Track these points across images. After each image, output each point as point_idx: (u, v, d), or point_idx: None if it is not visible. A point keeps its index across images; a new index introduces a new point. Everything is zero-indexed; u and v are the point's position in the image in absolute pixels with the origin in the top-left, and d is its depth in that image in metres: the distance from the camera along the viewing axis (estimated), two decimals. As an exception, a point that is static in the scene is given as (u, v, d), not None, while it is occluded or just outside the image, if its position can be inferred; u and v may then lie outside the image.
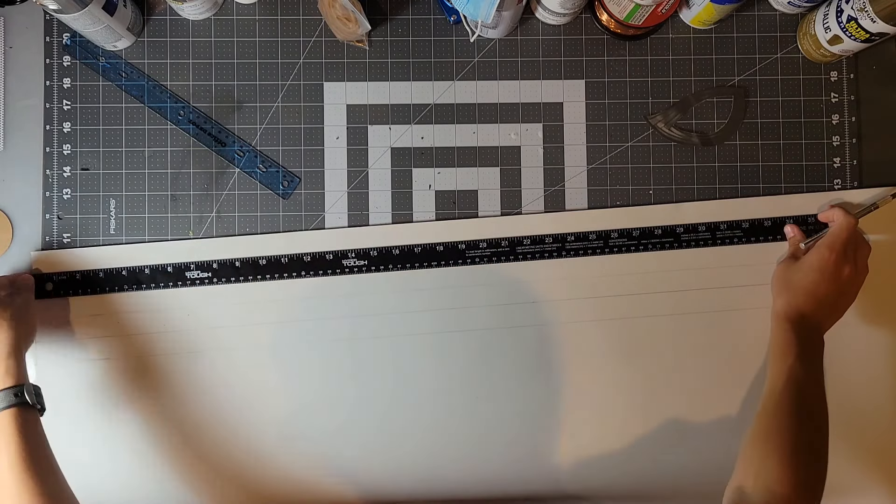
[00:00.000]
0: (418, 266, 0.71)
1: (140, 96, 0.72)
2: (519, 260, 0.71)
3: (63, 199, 0.71)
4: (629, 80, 0.73)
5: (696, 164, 0.73)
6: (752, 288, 0.71)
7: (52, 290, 0.70)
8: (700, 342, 0.71)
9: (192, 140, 0.72)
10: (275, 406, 0.70)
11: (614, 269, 0.71)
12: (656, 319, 0.71)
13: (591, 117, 0.73)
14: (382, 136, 0.72)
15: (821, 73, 0.73)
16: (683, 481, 0.70)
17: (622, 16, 0.68)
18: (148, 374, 0.70)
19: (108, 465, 0.69)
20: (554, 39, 0.73)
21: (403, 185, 0.72)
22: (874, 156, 0.73)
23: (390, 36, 0.73)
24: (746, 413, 0.71)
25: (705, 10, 0.69)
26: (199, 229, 0.72)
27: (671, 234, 0.72)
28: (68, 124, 0.72)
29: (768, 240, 0.72)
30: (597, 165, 0.73)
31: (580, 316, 0.71)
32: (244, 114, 0.72)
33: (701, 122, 0.73)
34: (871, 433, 0.71)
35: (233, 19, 0.72)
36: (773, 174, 0.73)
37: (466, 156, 0.73)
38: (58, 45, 0.72)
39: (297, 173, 0.72)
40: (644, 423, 0.71)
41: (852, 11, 0.64)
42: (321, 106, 0.72)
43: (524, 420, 0.70)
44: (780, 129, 0.73)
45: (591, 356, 0.71)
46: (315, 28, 0.73)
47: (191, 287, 0.70)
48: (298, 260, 0.71)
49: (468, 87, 0.73)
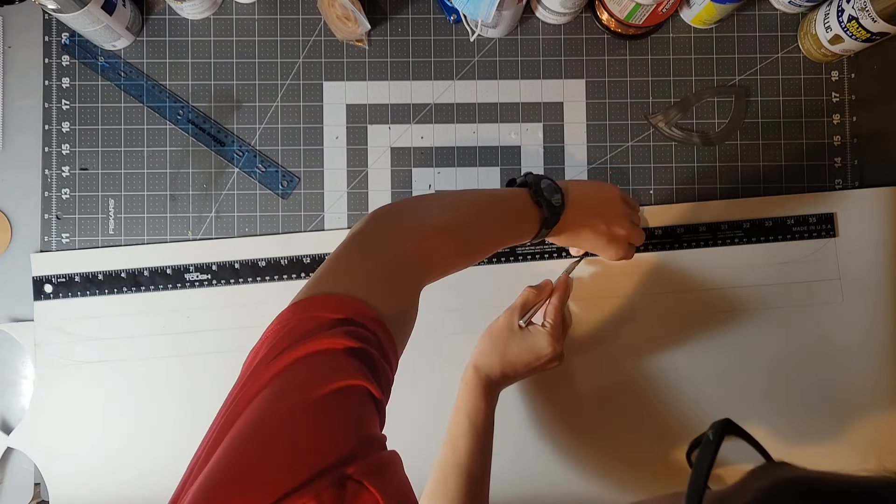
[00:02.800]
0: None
1: (139, 96, 0.71)
2: (518, 261, 0.71)
3: (62, 198, 0.71)
4: (630, 79, 0.73)
5: (696, 164, 0.73)
6: (752, 288, 0.71)
7: (51, 292, 0.70)
8: (699, 342, 0.71)
9: (191, 140, 0.72)
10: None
11: (614, 270, 0.71)
12: (656, 320, 0.71)
13: (592, 117, 0.73)
14: (382, 135, 0.72)
15: (822, 72, 0.73)
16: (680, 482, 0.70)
17: (623, 15, 0.68)
18: (148, 376, 0.70)
19: (107, 465, 0.69)
20: (554, 39, 0.73)
21: (403, 185, 0.72)
22: (875, 155, 0.73)
23: (390, 35, 0.73)
24: (746, 413, 0.70)
25: (706, 10, 0.68)
26: (198, 229, 0.71)
27: (671, 234, 0.71)
28: (67, 124, 0.71)
29: (769, 240, 0.71)
30: (597, 165, 0.72)
31: (579, 317, 0.71)
32: (243, 113, 0.72)
33: (702, 122, 0.73)
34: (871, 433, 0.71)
35: (232, 18, 0.72)
36: (774, 174, 0.73)
37: (466, 156, 0.72)
38: (57, 45, 0.71)
39: (297, 173, 0.72)
40: (639, 423, 0.71)
41: (853, 11, 0.64)
42: (321, 105, 0.72)
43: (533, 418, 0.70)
44: (781, 128, 0.73)
45: (590, 356, 0.71)
46: (315, 27, 0.72)
47: (190, 289, 0.70)
48: (298, 262, 0.70)
49: (468, 87, 0.73)
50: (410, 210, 0.51)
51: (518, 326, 0.63)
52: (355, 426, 0.34)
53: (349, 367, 0.35)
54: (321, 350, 0.36)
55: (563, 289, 0.65)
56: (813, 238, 0.71)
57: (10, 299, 0.70)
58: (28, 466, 0.69)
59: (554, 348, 0.62)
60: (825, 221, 0.72)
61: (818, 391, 0.71)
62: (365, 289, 0.41)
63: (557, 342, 0.62)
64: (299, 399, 0.34)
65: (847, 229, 0.72)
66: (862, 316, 0.71)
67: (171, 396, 0.70)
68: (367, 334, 0.38)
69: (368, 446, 0.33)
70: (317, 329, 0.37)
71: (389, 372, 0.39)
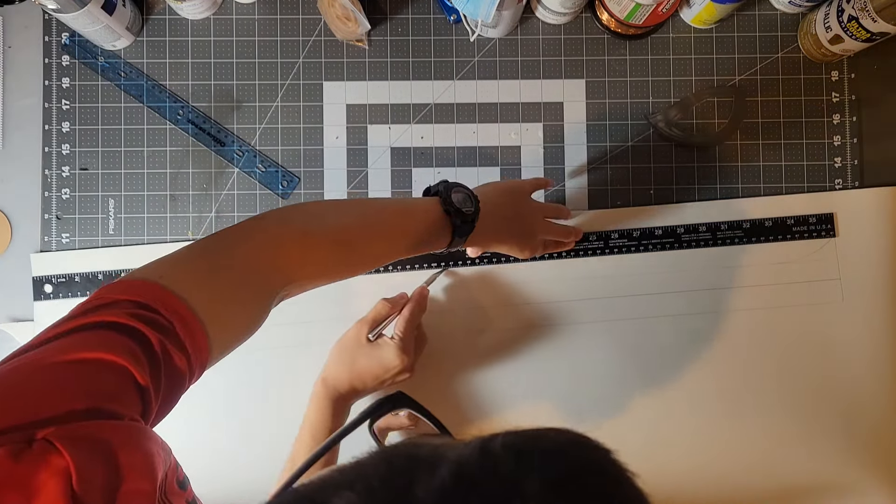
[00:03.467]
0: (418, 267, 0.71)
1: (139, 96, 0.71)
2: (518, 261, 0.71)
3: (62, 198, 0.71)
4: (630, 79, 0.73)
5: (696, 164, 0.73)
6: (752, 288, 0.71)
7: (51, 292, 0.70)
8: (699, 343, 0.71)
9: (191, 140, 0.72)
10: (275, 407, 0.70)
11: (614, 270, 0.71)
12: (656, 320, 0.71)
13: (592, 117, 0.73)
14: (382, 135, 0.72)
15: (822, 72, 0.73)
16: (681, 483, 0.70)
17: (623, 15, 0.68)
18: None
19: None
20: (554, 39, 0.73)
21: (403, 185, 0.72)
22: (875, 156, 0.73)
23: (390, 35, 0.73)
24: (746, 412, 0.70)
25: (706, 10, 0.68)
26: (198, 229, 0.71)
27: (671, 234, 0.71)
28: (67, 124, 0.71)
29: (769, 240, 0.71)
30: (597, 165, 0.72)
31: (579, 317, 0.71)
32: (243, 113, 0.72)
33: (701, 122, 0.73)
34: (871, 432, 0.71)
35: (232, 18, 0.72)
36: (774, 174, 0.73)
37: (466, 156, 0.72)
38: (57, 45, 0.71)
39: (297, 173, 0.72)
40: (641, 424, 0.70)
41: (853, 11, 0.64)
42: (320, 105, 0.72)
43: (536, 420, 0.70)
44: (781, 128, 0.73)
45: (590, 357, 0.71)
46: (314, 27, 0.72)
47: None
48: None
49: (468, 87, 0.73)
50: (304, 213, 0.51)
51: (367, 339, 0.62)
52: (83, 396, 0.32)
53: (115, 344, 0.35)
54: (94, 322, 0.35)
55: (416, 301, 0.64)
56: (813, 238, 0.72)
57: (10, 299, 0.70)
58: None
59: (402, 360, 0.61)
60: (825, 221, 0.72)
61: (818, 391, 0.71)
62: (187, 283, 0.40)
63: (406, 354, 0.61)
64: (35, 359, 0.33)
65: (847, 229, 0.72)
66: (862, 316, 0.71)
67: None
68: (160, 321, 0.37)
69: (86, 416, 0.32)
70: (106, 306, 0.37)
71: (177, 364, 0.37)
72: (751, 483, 0.70)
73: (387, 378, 0.62)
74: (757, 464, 0.71)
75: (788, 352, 0.71)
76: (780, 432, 0.71)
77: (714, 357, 0.71)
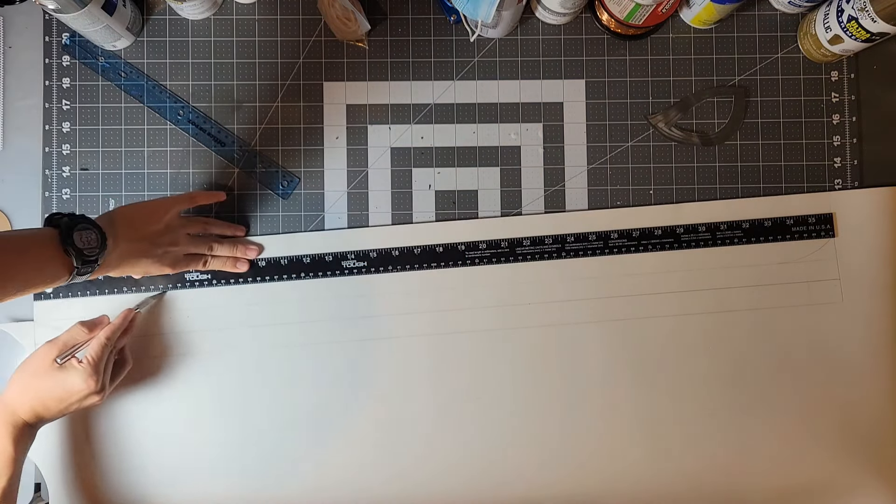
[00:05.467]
0: (417, 267, 0.71)
1: (139, 96, 0.72)
2: (519, 261, 0.71)
3: (62, 199, 0.71)
4: (629, 79, 0.73)
5: (696, 164, 0.73)
6: (751, 289, 0.71)
7: (51, 292, 0.70)
8: (700, 343, 0.71)
9: (191, 140, 0.72)
10: (274, 407, 0.70)
11: (614, 270, 0.71)
12: (656, 321, 0.71)
13: (592, 117, 0.73)
14: (382, 135, 0.72)
15: (821, 72, 0.73)
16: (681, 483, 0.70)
17: (622, 15, 0.68)
18: (148, 376, 0.70)
19: (105, 465, 0.69)
20: (554, 39, 0.73)
21: (403, 185, 0.72)
22: (875, 156, 0.73)
23: (390, 35, 0.73)
24: (745, 412, 0.71)
25: (706, 10, 0.68)
26: (198, 229, 0.71)
27: (671, 234, 0.71)
28: (67, 124, 0.71)
29: (769, 240, 0.72)
30: (597, 165, 0.73)
31: (579, 318, 0.71)
32: (243, 114, 0.72)
33: (701, 122, 0.73)
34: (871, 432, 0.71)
35: (232, 19, 0.72)
36: (774, 174, 0.73)
37: (466, 156, 0.72)
38: (57, 45, 0.71)
39: (297, 173, 0.72)
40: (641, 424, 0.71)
41: (853, 11, 0.64)
42: (321, 106, 0.72)
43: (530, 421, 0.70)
44: (781, 128, 0.73)
45: (590, 357, 0.71)
46: (315, 28, 0.72)
47: (190, 289, 0.70)
48: (298, 262, 0.70)
49: (468, 87, 0.73)
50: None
51: (55, 362, 0.60)
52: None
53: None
54: None
55: (117, 324, 0.63)
56: (812, 238, 0.72)
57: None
58: (28, 467, 0.69)
59: (89, 385, 0.59)
60: (824, 221, 0.72)
61: (818, 391, 0.71)
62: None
63: (93, 379, 0.59)
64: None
65: (847, 229, 0.72)
66: (862, 316, 0.71)
67: (169, 395, 0.70)
68: None
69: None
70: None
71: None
72: (751, 483, 0.71)
73: (72, 402, 0.60)
74: (757, 464, 0.71)
75: (788, 352, 0.71)
76: (779, 432, 0.71)
77: (714, 357, 0.71)
